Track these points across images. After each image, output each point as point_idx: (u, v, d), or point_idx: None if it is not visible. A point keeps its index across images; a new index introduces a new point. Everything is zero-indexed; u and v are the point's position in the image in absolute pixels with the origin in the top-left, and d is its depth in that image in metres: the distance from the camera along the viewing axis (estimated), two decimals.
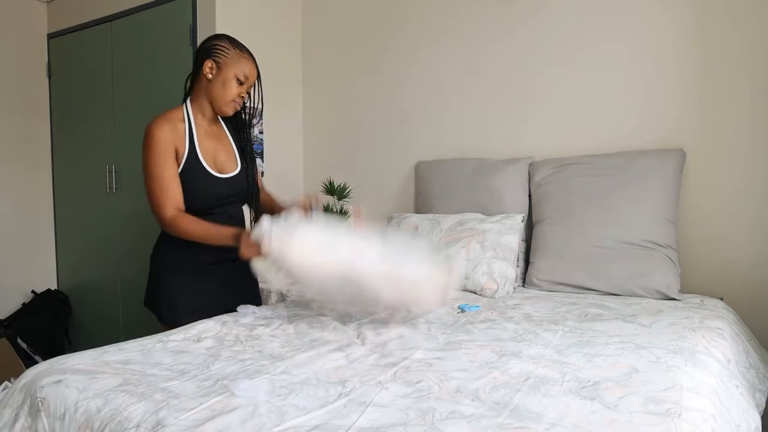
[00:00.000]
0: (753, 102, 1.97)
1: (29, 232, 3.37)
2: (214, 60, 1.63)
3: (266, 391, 1.05)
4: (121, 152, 3.07)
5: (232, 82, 1.64)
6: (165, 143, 1.59)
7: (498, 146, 2.50)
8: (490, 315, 1.69)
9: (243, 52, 1.67)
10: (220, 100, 1.66)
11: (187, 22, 2.69)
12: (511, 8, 2.46)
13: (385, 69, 2.84)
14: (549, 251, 2.10)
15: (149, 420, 0.94)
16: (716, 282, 2.03)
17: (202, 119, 1.70)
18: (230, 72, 1.63)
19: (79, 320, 3.41)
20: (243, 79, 1.65)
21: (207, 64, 1.63)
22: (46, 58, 3.43)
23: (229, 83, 1.64)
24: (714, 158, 2.05)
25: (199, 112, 1.69)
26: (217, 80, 1.64)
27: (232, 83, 1.64)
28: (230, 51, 1.64)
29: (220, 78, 1.63)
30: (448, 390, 1.05)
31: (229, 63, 1.63)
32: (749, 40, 1.97)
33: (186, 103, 1.70)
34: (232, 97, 1.66)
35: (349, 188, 2.81)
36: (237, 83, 1.65)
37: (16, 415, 1.13)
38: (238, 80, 1.64)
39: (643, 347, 1.29)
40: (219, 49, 1.64)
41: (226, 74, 1.63)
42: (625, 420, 0.90)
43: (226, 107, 1.67)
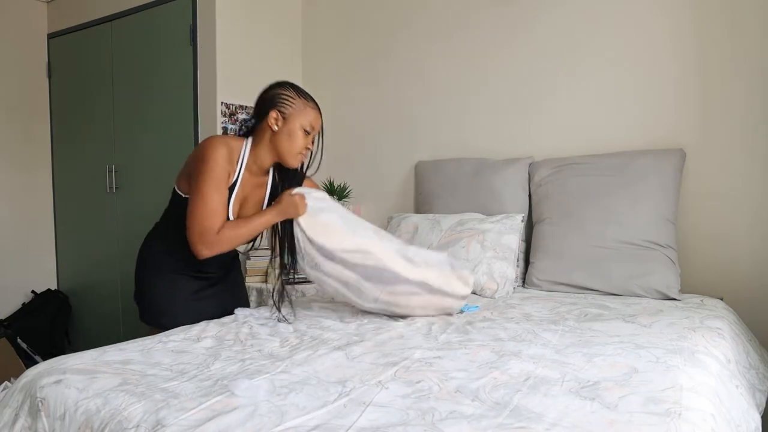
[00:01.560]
0: (752, 102, 1.97)
1: (29, 232, 3.37)
2: (279, 111, 1.58)
3: (266, 391, 1.05)
4: (121, 152, 3.07)
5: (299, 133, 1.59)
6: (224, 169, 1.53)
7: (498, 146, 2.50)
8: (490, 315, 1.69)
9: (308, 101, 1.63)
10: (287, 153, 1.60)
11: (187, 22, 2.69)
12: (511, 9, 2.46)
13: (385, 69, 2.84)
14: (549, 251, 2.10)
15: (149, 420, 0.94)
16: (716, 282, 2.03)
17: (253, 165, 1.64)
18: (296, 123, 1.58)
19: (79, 320, 3.41)
20: (309, 129, 1.60)
21: (272, 115, 1.58)
22: (46, 58, 3.43)
23: (295, 134, 1.58)
24: (714, 158, 2.05)
25: (254, 157, 1.63)
26: (282, 132, 1.58)
27: (299, 134, 1.59)
28: (296, 101, 1.60)
29: (286, 129, 1.58)
30: (448, 390, 1.05)
31: (294, 114, 1.59)
32: (748, 41, 1.97)
33: (248, 140, 1.64)
34: (299, 150, 1.60)
35: (349, 188, 2.81)
36: (303, 134, 1.60)
37: (16, 415, 1.13)
38: (305, 131, 1.60)
39: (642, 347, 1.29)
40: (284, 99, 1.59)
41: (293, 125, 1.58)
42: (624, 420, 0.90)
43: (293, 160, 1.62)
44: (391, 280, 1.58)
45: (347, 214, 1.70)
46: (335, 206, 1.70)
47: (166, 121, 2.81)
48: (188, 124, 2.70)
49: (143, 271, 1.73)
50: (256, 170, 1.65)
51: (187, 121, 2.70)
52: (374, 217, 2.88)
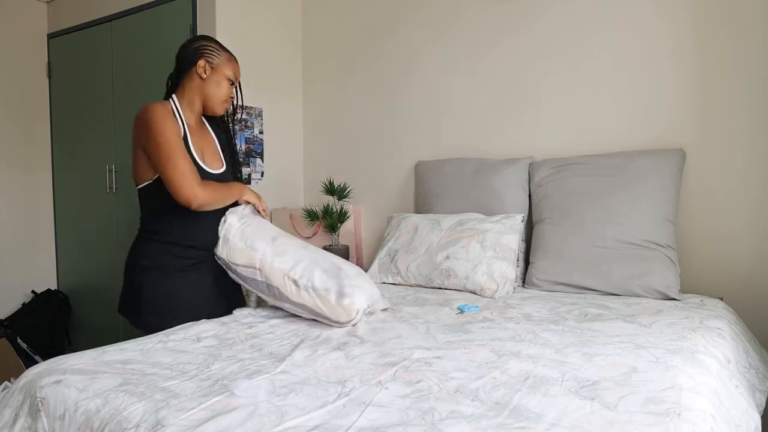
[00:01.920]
0: (752, 102, 1.97)
1: (29, 232, 3.37)
2: (207, 60, 1.70)
3: (266, 391, 1.05)
4: (121, 152, 3.07)
5: (225, 82, 1.73)
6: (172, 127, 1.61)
7: (498, 146, 2.50)
8: (489, 315, 1.69)
9: (230, 55, 1.76)
10: (215, 100, 1.73)
11: (187, 22, 2.69)
12: (511, 9, 2.46)
13: (385, 69, 2.84)
14: (549, 251, 2.10)
15: (149, 420, 0.95)
16: (716, 282, 2.04)
17: (190, 115, 1.74)
18: (222, 73, 1.71)
19: (79, 320, 3.41)
20: (233, 79, 1.75)
21: (200, 64, 1.69)
22: (46, 58, 3.43)
23: (223, 83, 1.72)
24: (714, 158, 2.05)
25: (188, 108, 1.73)
26: (211, 80, 1.71)
27: (225, 83, 1.73)
28: (221, 53, 1.73)
29: (214, 78, 1.71)
30: (447, 390, 1.05)
31: (221, 64, 1.71)
32: (748, 40, 1.97)
33: (172, 98, 1.72)
34: (225, 97, 1.74)
35: (349, 188, 2.81)
36: (228, 83, 1.74)
37: (16, 415, 1.13)
38: (230, 81, 1.74)
39: (642, 347, 1.29)
40: (211, 50, 1.71)
41: (220, 75, 1.71)
42: (624, 420, 0.90)
43: (219, 107, 1.75)
44: (278, 296, 1.65)
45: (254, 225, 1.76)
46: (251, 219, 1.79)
47: None
48: None
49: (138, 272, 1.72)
50: (193, 119, 1.75)
51: None
52: (374, 217, 2.88)
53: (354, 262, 2.86)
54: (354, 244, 2.88)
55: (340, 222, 2.74)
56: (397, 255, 2.29)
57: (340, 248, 2.71)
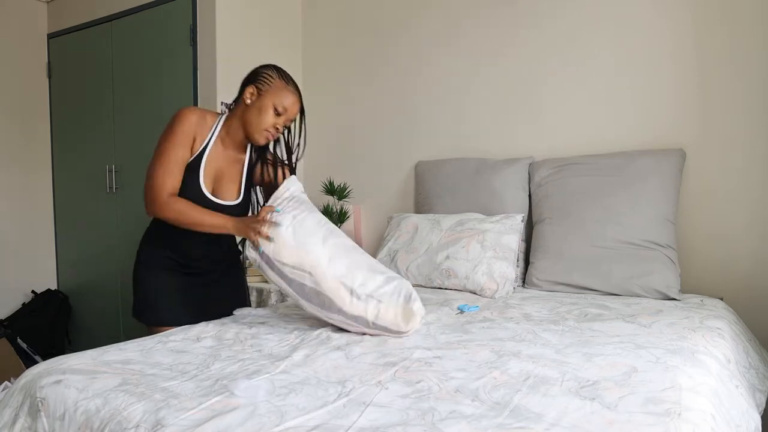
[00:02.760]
0: (752, 102, 1.97)
1: (29, 232, 3.37)
2: (256, 86, 1.62)
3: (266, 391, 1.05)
4: (121, 152, 3.07)
5: (269, 110, 1.60)
6: (189, 129, 1.59)
7: (498, 146, 2.50)
8: (489, 315, 1.69)
9: (288, 84, 1.63)
10: (254, 127, 1.62)
11: (187, 22, 2.69)
12: (512, 10, 2.46)
13: (385, 69, 2.84)
14: (549, 251, 2.10)
15: (149, 420, 0.94)
16: (716, 282, 2.04)
17: (225, 137, 1.67)
18: (269, 100, 1.60)
19: (79, 320, 3.41)
20: (281, 110, 1.61)
21: (248, 90, 1.62)
22: (46, 58, 3.43)
23: (266, 111, 1.60)
24: (714, 158, 2.05)
25: (226, 130, 1.67)
26: (254, 106, 1.61)
27: (269, 112, 1.60)
28: (274, 81, 1.61)
29: (258, 104, 1.61)
30: (447, 390, 1.05)
31: (269, 91, 1.60)
32: (748, 40, 1.97)
33: (223, 114, 1.69)
34: (266, 126, 1.61)
35: (349, 188, 2.82)
36: (274, 113, 1.61)
37: (16, 415, 1.13)
38: (276, 111, 1.60)
39: (642, 347, 1.29)
40: (263, 77, 1.62)
41: (265, 102, 1.60)
42: (624, 420, 0.90)
43: (258, 135, 1.63)
44: (327, 305, 1.47)
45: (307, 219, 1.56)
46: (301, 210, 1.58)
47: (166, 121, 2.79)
48: None
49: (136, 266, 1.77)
50: (229, 143, 1.68)
51: None
52: (374, 217, 2.88)
53: None
54: None
55: (340, 222, 2.74)
56: (397, 255, 2.29)
57: None
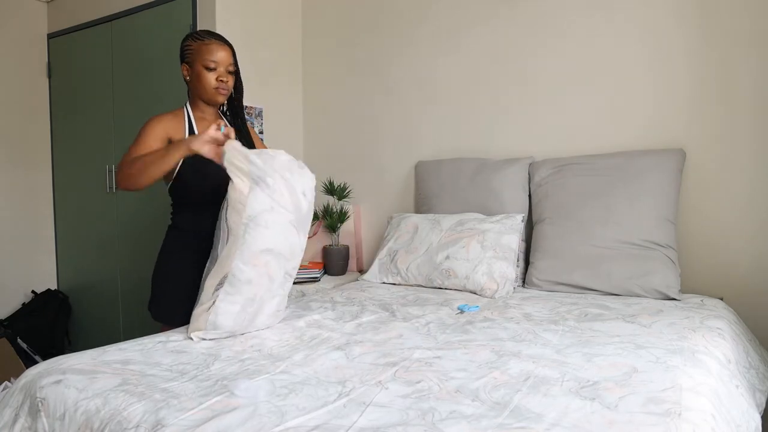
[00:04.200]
0: (753, 102, 1.97)
1: (29, 232, 3.37)
2: (184, 61, 1.70)
3: (266, 391, 1.05)
4: (121, 152, 3.07)
5: (203, 72, 1.67)
6: (155, 130, 1.63)
7: (498, 146, 2.50)
8: (490, 315, 1.69)
9: (205, 39, 1.69)
10: (204, 93, 1.69)
11: (187, 22, 2.69)
12: (512, 10, 2.46)
13: (385, 69, 2.84)
14: (549, 251, 2.10)
15: (149, 420, 0.94)
16: (716, 282, 2.03)
17: (201, 117, 1.74)
18: (198, 64, 1.67)
19: (79, 320, 3.41)
20: (212, 65, 1.67)
21: (183, 69, 1.71)
22: (46, 58, 3.42)
23: (202, 75, 1.67)
24: (714, 158, 2.05)
25: (197, 112, 1.75)
26: (192, 77, 1.69)
27: (203, 73, 1.67)
28: (192, 45, 1.68)
29: (194, 74, 1.69)
30: (448, 390, 1.05)
31: (194, 57, 1.68)
32: (749, 40, 1.97)
33: (186, 104, 1.76)
34: (212, 85, 1.67)
35: (349, 188, 2.81)
36: (208, 71, 1.67)
37: (16, 415, 1.13)
38: (208, 68, 1.67)
39: (643, 347, 1.29)
40: (185, 49, 1.70)
41: (196, 68, 1.67)
42: (624, 420, 0.90)
43: (213, 97, 1.70)
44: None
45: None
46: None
47: None
48: None
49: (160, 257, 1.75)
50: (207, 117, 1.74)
51: None
52: (374, 217, 2.88)
53: (354, 262, 2.86)
54: (354, 244, 2.88)
55: (340, 222, 2.74)
56: (397, 255, 2.29)
57: (340, 248, 2.71)
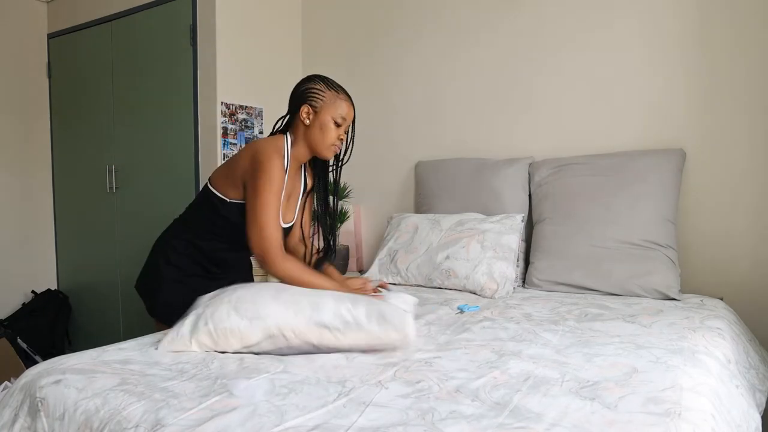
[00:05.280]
0: (753, 102, 1.97)
1: (29, 233, 3.37)
2: (310, 105, 1.61)
3: (265, 391, 1.05)
4: (121, 152, 3.07)
5: (330, 125, 1.61)
6: (281, 177, 1.54)
7: (498, 146, 2.50)
8: (490, 315, 1.69)
9: (339, 92, 1.64)
10: (320, 146, 1.62)
11: (187, 22, 2.69)
12: (512, 9, 2.46)
13: (385, 69, 2.84)
14: (549, 251, 2.10)
15: (148, 420, 0.94)
16: (716, 282, 2.03)
17: (293, 163, 1.67)
18: (327, 115, 1.60)
19: (79, 320, 3.41)
20: (340, 121, 1.62)
21: (303, 110, 1.61)
22: (46, 58, 3.42)
23: (327, 127, 1.61)
24: (714, 158, 2.05)
25: (296, 148, 1.65)
26: (314, 126, 1.61)
27: (330, 126, 1.61)
28: (326, 93, 1.62)
29: (318, 123, 1.60)
30: (448, 390, 1.05)
31: (324, 106, 1.61)
32: (749, 40, 1.97)
33: (287, 139, 1.65)
34: (332, 141, 1.62)
35: (349, 188, 2.81)
36: (335, 126, 1.62)
37: (16, 415, 1.13)
38: (336, 123, 1.62)
39: (643, 347, 1.29)
40: (314, 93, 1.62)
41: (323, 118, 1.60)
42: (625, 420, 0.90)
43: (327, 152, 1.64)
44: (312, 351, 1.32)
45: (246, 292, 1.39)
46: None
47: (166, 121, 2.81)
48: (188, 124, 2.70)
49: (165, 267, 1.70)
50: (295, 166, 1.69)
51: (187, 121, 2.70)
52: (374, 217, 2.88)
53: (354, 262, 2.86)
54: (354, 244, 2.88)
55: (340, 222, 2.74)
56: (397, 255, 2.29)
57: (340, 248, 2.71)
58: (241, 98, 2.72)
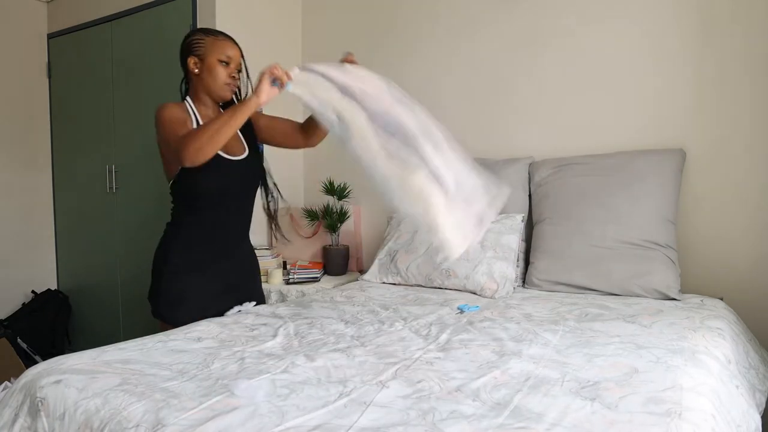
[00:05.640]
0: (753, 102, 1.97)
1: (29, 232, 3.37)
2: (194, 54, 1.68)
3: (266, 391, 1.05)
4: (121, 152, 3.07)
5: (217, 66, 1.67)
6: (177, 113, 1.62)
7: (498, 146, 2.50)
8: (490, 315, 1.69)
9: (218, 36, 1.70)
10: (214, 88, 1.68)
11: (187, 22, 2.69)
12: (512, 8, 2.46)
13: (385, 69, 2.82)
14: (549, 251, 2.10)
15: (149, 420, 0.94)
16: (716, 282, 2.03)
17: (205, 111, 1.72)
18: (212, 58, 1.66)
19: (79, 320, 3.41)
20: (226, 59, 1.67)
21: (191, 62, 1.68)
22: (46, 58, 3.42)
23: (215, 68, 1.67)
24: (714, 158, 2.05)
25: (201, 106, 1.72)
26: (203, 72, 1.67)
27: (218, 68, 1.67)
28: (205, 39, 1.68)
29: (205, 67, 1.67)
30: (448, 390, 1.05)
31: (207, 51, 1.66)
32: (750, 40, 1.97)
33: (187, 99, 1.73)
34: (224, 80, 1.68)
35: (349, 188, 2.81)
36: (222, 66, 1.67)
37: (16, 415, 1.13)
38: (222, 62, 1.67)
39: (643, 347, 1.29)
40: (195, 42, 1.68)
41: (209, 61, 1.66)
42: (625, 420, 0.90)
43: (222, 92, 1.70)
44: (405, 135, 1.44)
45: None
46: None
47: None
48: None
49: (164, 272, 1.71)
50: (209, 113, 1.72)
51: None
52: (374, 217, 2.88)
53: (354, 262, 2.86)
54: (354, 244, 2.88)
55: (340, 222, 2.74)
56: (397, 255, 2.29)
57: (340, 248, 2.71)
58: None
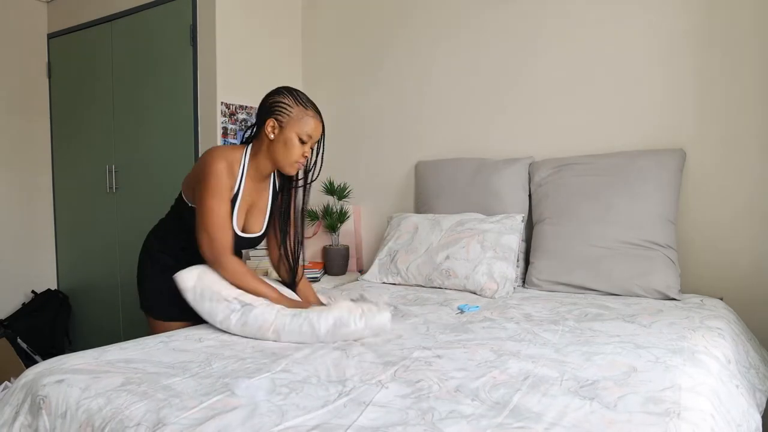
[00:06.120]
0: (753, 102, 1.97)
1: (29, 232, 3.37)
2: (276, 119, 1.59)
3: (266, 390, 1.05)
4: (121, 152, 3.07)
5: (294, 141, 1.59)
6: (226, 183, 1.55)
7: (498, 146, 2.50)
8: (490, 315, 1.69)
9: (307, 108, 1.60)
10: (283, 161, 1.61)
11: (187, 22, 2.69)
12: (511, 8, 2.46)
13: (385, 69, 2.84)
14: (549, 251, 2.11)
15: (150, 419, 0.95)
16: (716, 282, 2.04)
17: (254, 173, 1.66)
18: (292, 131, 1.58)
19: (79, 320, 3.41)
20: (306, 138, 1.59)
21: (269, 123, 1.59)
22: (46, 58, 3.43)
23: (291, 143, 1.58)
24: (714, 158, 2.05)
25: (254, 165, 1.65)
26: (278, 141, 1.59)
27: (294, 143, 1.59)
28: (293, 109, 1.58)
29: (282, 138, 1.58)
30: (447, 389, 1.06)
31: (290, 122, 1.58)
32: (750, 41, 1.97)
33: (247, 149, 1.65)
34: (295, 158, 1.60)
35: (349, 188, 2.82)
36: (299, 143, 1.59)
37: (16, 413, 1.13)
38: (301, 140, 1.59)
39: (642, 347, 1.29)
40: (281, 107, 1.59)
41: (288, 134, 1.58)
42: (624, 420, 0.90)
43: (290, 168, 1.63)
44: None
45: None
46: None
47: (166, 121, 2.81)
48: (188, 124, 2.70)
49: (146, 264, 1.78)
50: (257, 177, 1.67)
51: (187, 121, 2.70)
52: (374, 217, 2.88)
53: (354, 262, 2.86)
54: (354, 244, 2.88)
55: (340, 222, 2.74)
56: (397, 255, 2.29)
57: (340, 248, 2.71)
58: (241, 98, 2.72)
